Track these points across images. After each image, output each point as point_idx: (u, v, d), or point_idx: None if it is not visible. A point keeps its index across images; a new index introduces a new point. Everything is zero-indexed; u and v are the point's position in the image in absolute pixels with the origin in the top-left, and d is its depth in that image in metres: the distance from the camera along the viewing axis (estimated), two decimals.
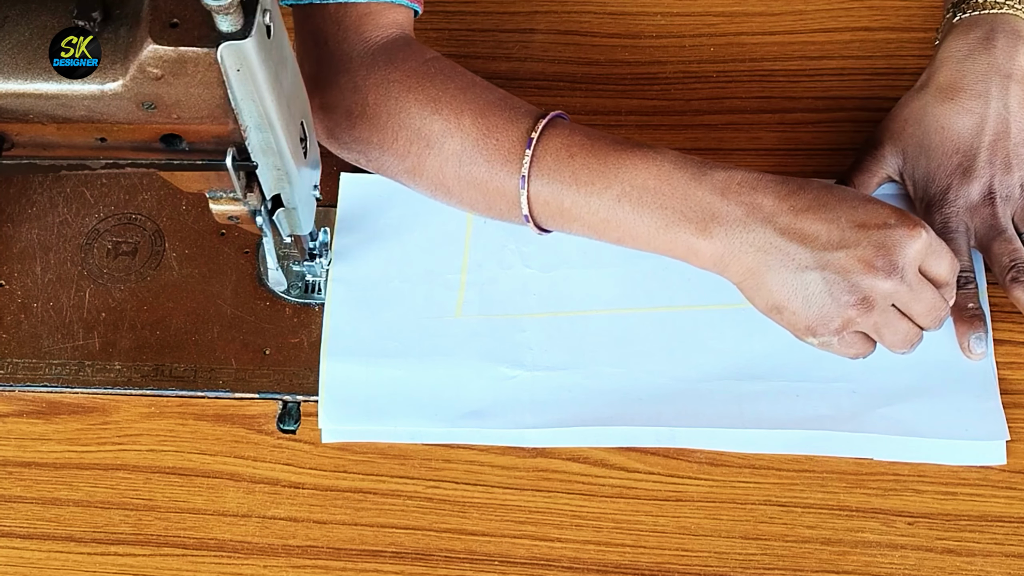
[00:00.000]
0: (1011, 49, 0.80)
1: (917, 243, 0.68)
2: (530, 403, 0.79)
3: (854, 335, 0.71)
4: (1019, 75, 0.80)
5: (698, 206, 0.70)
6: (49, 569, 0.77)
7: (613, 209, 0.72)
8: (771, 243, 0.69)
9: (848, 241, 0.68)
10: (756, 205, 0.69)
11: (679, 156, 0.72)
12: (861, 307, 0.69)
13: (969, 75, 0.80)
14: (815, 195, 0.70)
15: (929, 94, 0.81)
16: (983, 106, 0.79)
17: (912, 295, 0.70)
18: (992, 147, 0.79)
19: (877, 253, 0.68)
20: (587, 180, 0.72)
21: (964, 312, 0.78)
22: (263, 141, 0.64)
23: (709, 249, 0.70)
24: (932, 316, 0.72)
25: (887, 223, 0.68)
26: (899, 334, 0.71)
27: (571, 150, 0.72)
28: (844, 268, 0.68)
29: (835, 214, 0.69)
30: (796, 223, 0.69)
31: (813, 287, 0.69)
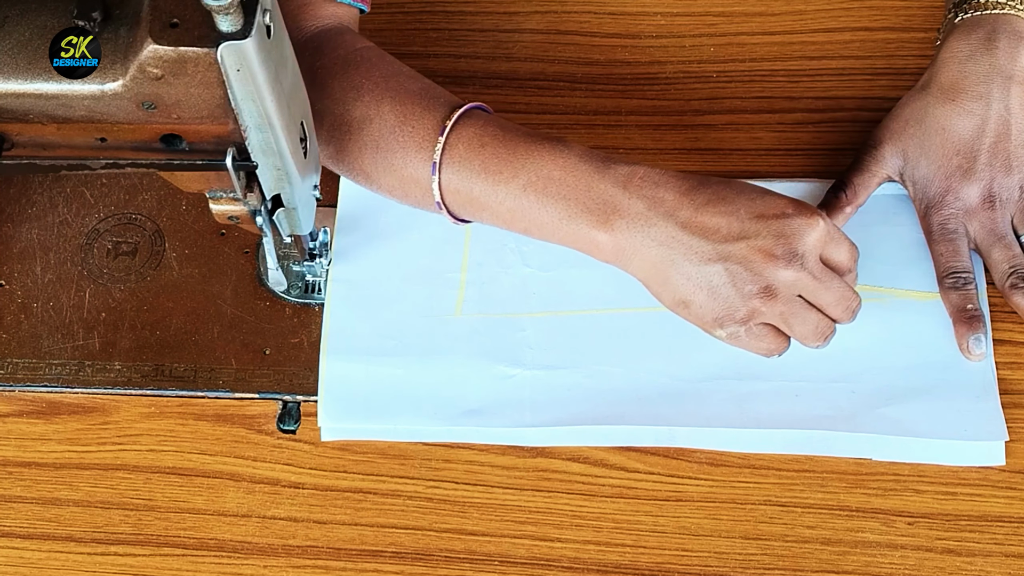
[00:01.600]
0: (1013, 50, 0.80)
1: (815, 231, 0.69)
2: (529, 402, 0.79)
3: (763, 327, 0.72)
4: (1021, 76, 0.80)
5: (600, 198, 0.71)
6: (49, 569, 0.77)
7: (519, 199, 0.73)
8: (673, 237, 0.70)
9: (748, 232, 0.69)
10: (658, 199, 0.70)
11: (586, 150, 0.73)
12: (764, 296, 0.70)
13: (971, 76, 0.80)
14: (715, 190, 0.71)
15: (930, 95, 0.81)
16: (984, 108, 0.79)
17: (817, 284, 0.70)
18: (992, 149, 0.79)
19: (777, 242, 0.69)
20: (495, 170, 0.73)
21: (963, 313, 0.78)
22: (263, 141, 0.64)
23: (610, 242, 0.71)
24: (842, 306, 0.72)
25: (785, 213, 0.69)
26: (808, 324, 0.72)
27: (483, 140, 0.74)
28: (745, 259, 0.69)
29: (734, 207, 0.70)
30: (697, 217, 0.70)
31: (716, 279, 0.70)
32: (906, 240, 0.83)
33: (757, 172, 0.86)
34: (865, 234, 0.83)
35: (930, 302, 0.81)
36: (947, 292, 0.79)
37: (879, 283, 0.82)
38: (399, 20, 0.94)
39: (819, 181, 0.85)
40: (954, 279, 0.79)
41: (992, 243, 0.79)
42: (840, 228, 0.72)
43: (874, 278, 0.82)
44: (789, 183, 0.85)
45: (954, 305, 0.79)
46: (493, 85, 0.91)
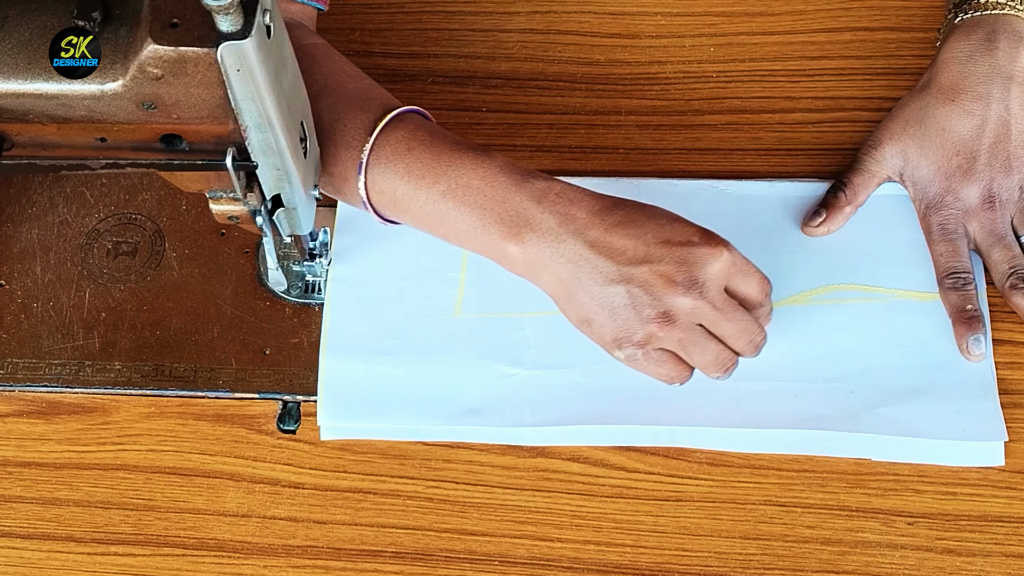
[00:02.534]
0: (1013, 51, 0.80)
1: (718, 261, 0.70)
2: (529, 401, 0.79)
3: (661, 353, 0.72)
4: (1021, 77, 0.80)
5: (515, 211, 0.72)
6: (49, 569, 0.77)
7: (438, 204, 0.73)
8: (580, 255, 0.70)
9: (652, 257, 0.69)
10: (569, 216, 0.71)
11: (508, 162, 0.73)
12: (662, 321, 0.70)
13: (970, 77, 0.80)
14: (627, 212, 0.71)
15: (930, 95, 0.81)
16: (984, 108, 0.79)
17: (718, 314, 0.70)
18: (992, 149, 0.79)
19: (678, 268, 0.69)
20: (419, 174, 0.74)
21: (963, 314, 0.78)
22: (263, 141, 0.64)
23: (520, 255, 0.72)
24: (744, 340, 0.72)
25: (690, 241, 0.70)
26: (707, 355, 0.72)
27: (410, 144, 0.74)
28: (647, 282, 0.69)
29: (643, 231, 0.70)
30: (605, 237, 0.70)
31: (618, 300, 0.70)
32: (906, 240, 0.83)
33: (757, 172, 0.87)
34: (865, 234, 0.83)
35: (930, 302, 0.81)
36: (947, 292, 0.79)
37: (879, 283, 0.82)
38: (399, 20, 0.94)
39: (819, 181, 0.85)
40: (954, 279, 0.79)
41: (992, 243, 0.79)
42: (750, 261, 0.72)
43: (874, 278, 0.82)
44: (789, 183, 0.85)
45: (953, 305, 0.79)
46: (493, 85, 0.91)
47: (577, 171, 0.87)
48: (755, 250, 0.82)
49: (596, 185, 0.85)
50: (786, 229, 0.84)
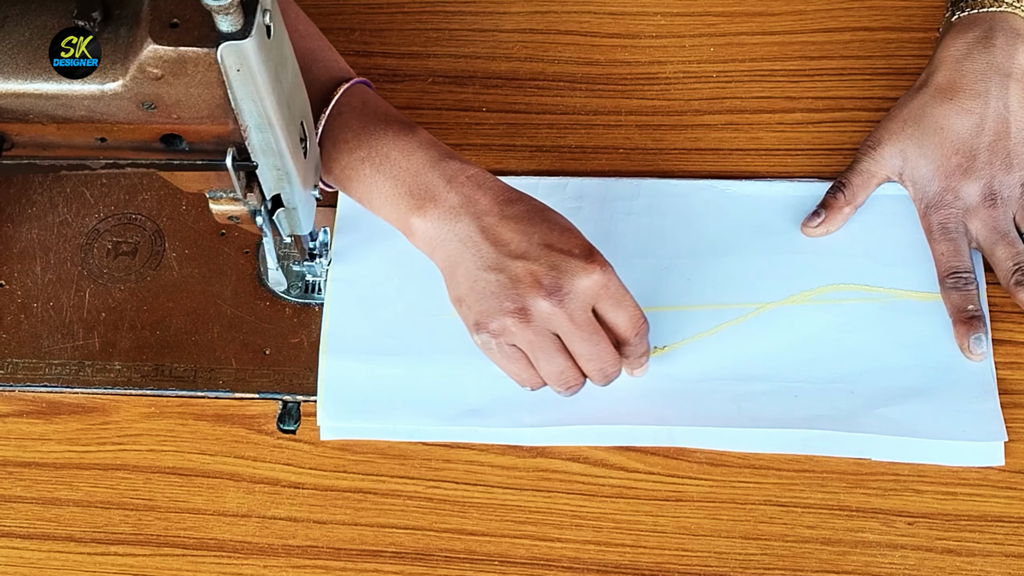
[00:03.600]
0: (1010, 48, 0.80)
1: (588, 278, 0.70)
2: (528, 402, 0.79)
3: (513, 349, 0.73)
4: (1019, 74, 0.80)
5: (424, 186, 0.73)
6: (49, 569, 0.77)
7: (356, 168, 0.76)
8: (471, 238, 0.72)
9: (529, 255, 0.70)
10: (473, 199, 0.72)
11: (430, 141, 0.76)
12: (517, 317, 0.70)
13: (968, 75, 0.80)
14: (527, 210, 0.72)
15: (928, 94, 0.81)
16: (982, 106, 0.79)
17: (574, 329, 0.71)
18: (992, 147, 0.79)
19: (548, 272, 0.70)
20: (344, 138, 0.76)
21: (963, 313, 0.78)
22: (263, 141, 0.64)
23: (421, 228, 0.73)
24: (594, 365, 0.73)
25: (570, 251, 0.71)
26: (553, 365, 0.72)
27: (341, 109, 0.77)
28: (516, 277, 0.70)
29: (533, 229, 0.71)
30: (497, 226, 0.72)
31: (488, 286, 0.71)
32: (906, 241, 0.83)
33: (757, 172, 0.87)
34: (865, 234, 0.83)
35: (929, 302, 0.81)
36: (948, 292, 0.79)
37: (879, 284, 0.82)
38: (399, 20, 0.94)
39: (819, 181, 0.85)
40: (955, 279, 0.79)
41: (995, 241, 0.79)
42: (629, 295, 0.72)
43: (874, 278, 0.82)
44: (789, 183, 0.85)
45: (955, 305, 0.79)
46: (493, 85, 0.91)
47: (577, 171, 0.87)
48: (755, 250, 0.83)
49: (596, 186, 0.86)
50: (785, 229, 0.84)
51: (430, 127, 0.82)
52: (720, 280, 0.82)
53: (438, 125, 0.89)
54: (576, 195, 0.85)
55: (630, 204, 0.85)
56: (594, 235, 0.83)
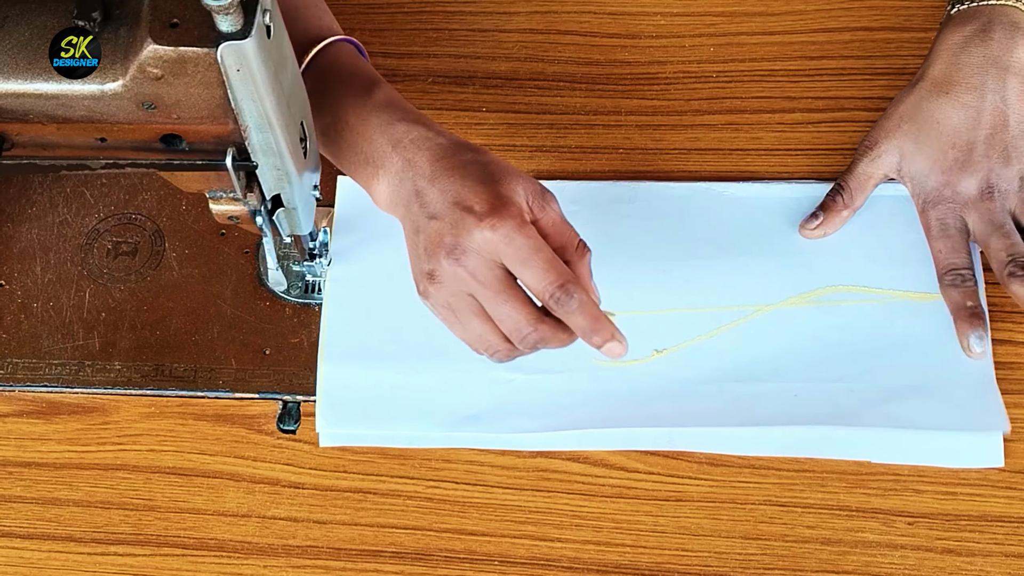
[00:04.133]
0: (1009, 41, 0.79)
1: (480, 234, 0.66)
2: (528, 407, 0.79)
3: (443, 309, 0.71)
4: (1017, 67, 0.79)
5: (376, 152, 0.73)
6: (49, 569, 0.77)
7: (324, 133, 0.76)
8: (408, 200, 0.71)
9: (439, 214, 0.69)
10: (412, 162, 0.72)
11: (386, 101, 0.74)
12: (430, 280, 0.69)
13: (964, 68, 0.80)
14: (456, 164, 0.70)
15: (924, 88, 0.81)
16: (979, 99, 0.79)
17: (480, 288, 0.67)
18: (989, 140, 0.79)
19: (449, 231, 0.68)
20: (314, 103, 0.74)
21: (964, 310, 0.78)
22: (263, 141, 0.64)
23: (377, 193, 0.74)
24: (508, 326, 0.68)
25: (471, 208, 0.67)
26: (468, 330, 0.70)
27: (316, 73, 0.76)
28: (429, 238, 0.69)
29: (450, 186, 0.69)
30: (425, 187, 0.70)
31: (414, 249, 0.71)
32: (904, 241, 0.83)
33: (756, 172, 0.87)
34: (863, 236, 0.83)
35: (928, 303, 0.80)
36: (947, 289, 0.79)
37: (878, 285, 0.82)
38: (399, 20, 0.94)
39: (816, 182, 0.85)
40: (954, 276, 0.79)
41: (990, 232, 0.79)
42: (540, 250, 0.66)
43: (873, 280, 0.82)
44: (786, 184, 0.85)
45: (954, 302, 0.79)
46: (493, 85, 0.91)
47: (577, 171, 0.87)
48: (753, 252, 0.83)
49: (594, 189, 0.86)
50: (784, 231, 0.84)
51: None
52: (719, 282, 0.82)
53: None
54: (573, 199, 0.85)
55: (628, 207, 0.85)
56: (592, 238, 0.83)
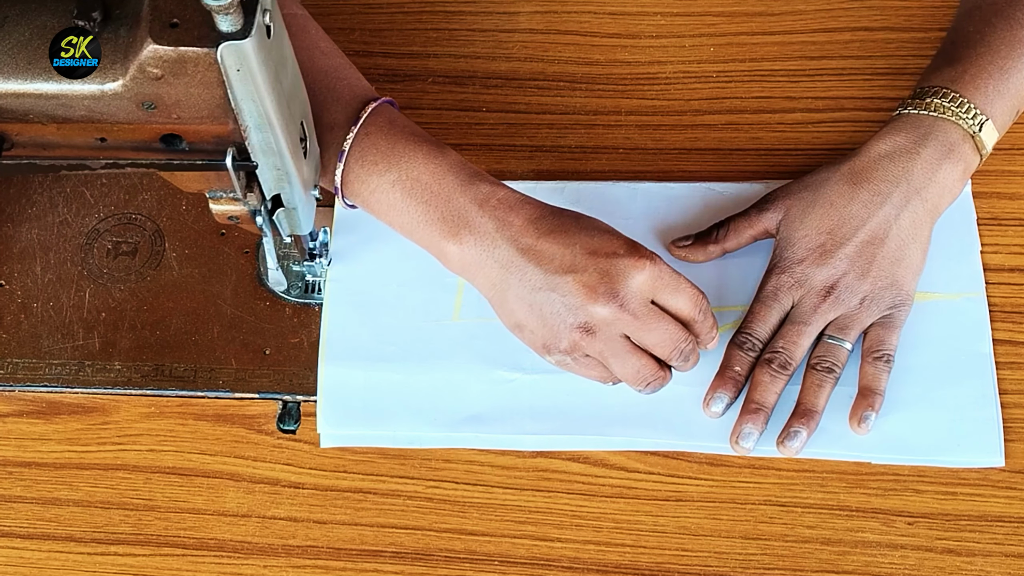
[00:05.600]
0: (935, 163, 0.77)
1: (641, 274, 0.69)
2: (529, 407, 0.79)
3: (589, 359, 0.72)
4: (929, 193, 0.77)
5: (457, 211, 0.73)
6: (49, 569, 0.77)
7: (386, 192, 0.74)
8: (512, 261, 0.71)
9: (577, 266, 0.70)
10: (507, 222, 0.72)
11: (460, 162, 0.74)
12: (583, 331, 0.70)
13: (881, 172, 0.78)
14: (561, 221, 0.72)
15: (839, 172, 0.79)
16: (877, 206, 0.77)
17: (640, 325, 0.70)
18: (861, 247, 0.77)
19: (600, 280, 0.69)
20: (372, 160, 0.75)
21: (727, 371, 0.78)
22: (263, 141, 0.64)
23: (457, 254, 0.73)
24: (668, 348, 0.72)
25: (616, 253, 0.70)
26: (628, 368, 0.72)
27: (369, 130, 0.75)
28: (571, 292, 0.70)
29: (572, 239, 0.71)
30: (536, 244, 0.71)
31: (546, 308, 0.71)
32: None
33: (757, 172, 0.87)
34: None
35: (928, 303, 0.80)
36: (731, 345, 0.79)
37: None
38: (399, 20, 0.94)
39: None
40: (744, 339, 0.78)
41: (794, 322, 0.77)
42: (680, 275, 0.71)
43: None
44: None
45: (726, 360, 0.78)
46: (493, 85, 0.91)
47: (577, 171, 0.87)
48: (752, 252, 0.83)
49: (593, 190, 0.86)
50: None
51: (430, 127, 0.82)
52: (718, 283, 0.82)
53: (438, 125, 0.89)
54: (573, 199, 0.85)
55: (628, 208, 0.85)
56: None
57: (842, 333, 0.77)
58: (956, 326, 0.80)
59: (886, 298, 0.77)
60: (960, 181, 0.79)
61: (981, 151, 0.79)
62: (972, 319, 0.80)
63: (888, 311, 0.77)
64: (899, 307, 0.78)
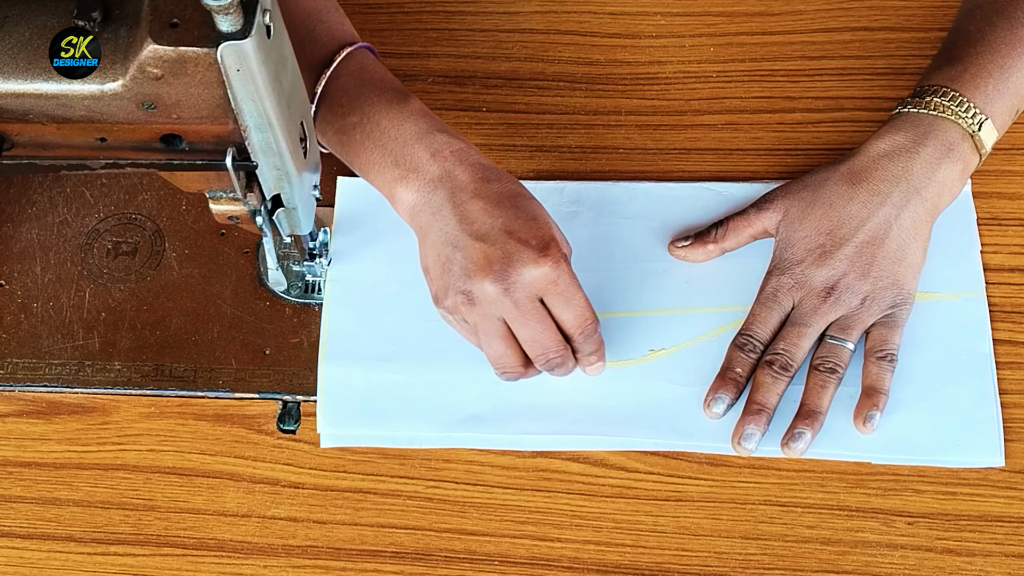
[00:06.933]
0: (934, 162, 0.77)
1: (538, 270, 0.70)
2: (529, 407, 0.79)
3: (466, 325, 0.74)
4: (928, 192, 0.77)
5: (410, 157, 0.74)
6: (49, 569, 0.77)
7: (348, 132, 0.77)
8: (441, 210, 0.73)
9: (489, 238, 0.71)
10: (452, 174, 0.73)
11: (422, 111, 0.76)
12: (466, 298, 0.72)
13: (880, 171, 0.78)
14: (502, 193, 0.73)
15: (838, 172, 0.79)
16: (876, 205, 0.77)
17: (518, 316, 0.71)
18: (861, 247, 0.77)
19: (500, 259, 0.70)
20: (339, 102, 0.77)
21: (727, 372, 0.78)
22: (263, 141, 0.64)
23: (403, 197, 0.75)
24: (537, 351, 0.73)
25: (527, 242, 0.71)
26: (492, 349, 0.74)
27: (340, 73, 0.78)
28: (471, 258, 0.71)
29: (500, 212, 0.72)
30: (467, 203, 0.72)
31: (448, 263, 0.72)
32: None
33: (757, 172, 0.87)
34: None
35: (930, 302, 0.81)
36: (732, 346, 0.79)
37: None
38: (399, 20, 0.94)
39: None
40: (745, 340, 0.78)
41: (795, 324, 0.78)
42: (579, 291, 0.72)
43: None
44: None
45: (727, 361, 0.79)
46: (493, 85, 0.91)
47: (577, 171, 0.87)
48: (751, 252, 0.83)
49: (593, 190, 0.86)
50: None
51: None
52: (718, 283, 0.82)
53: None
54: (573, 199, 0.85)
55: (627, 208, 0.85)
56: (592, 239, 0.84)
57: (844, 333, 0.77)
58: (956, 326, 0.80)
59: (887, 297, 0.77)
60: (959, 180, 0.79)
61: (980, 150, 0.79)
62: (972, 319, 0.80)
63: (889, 310, 0.77)
64: (900, 306, 0.78)
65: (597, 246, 0.83)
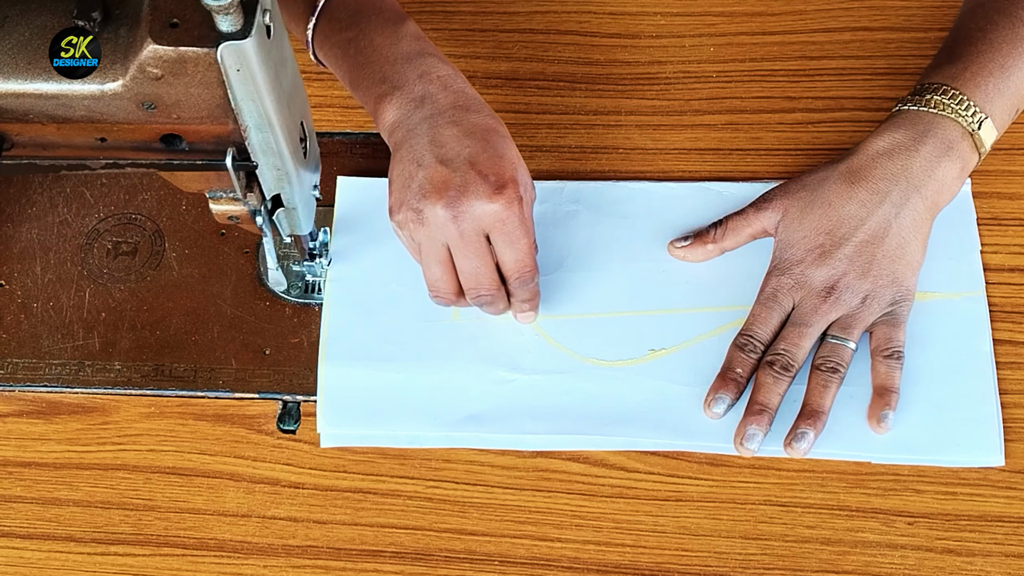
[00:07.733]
0: (934, 160, 0.77)
1: (489, 205, 0.71)
2: (529, 407, 0.79)
3: (413, 242, 0.75)
4: (928, 190, 0.77)
5: (397, 76, 0.76)
6: (49, 569, 0.77)
7: (343, 47, 0.78)
8: (418, 131, 0.74)
9: (452, 164, 0.72)
10: (433, 98, 0.74)
11: (417, 36, 0.78)
12: (415, 215, 0.73)
13: (879, 170, 0.78)
14: (480, 125, 0.74)
15: (836, 171, 0.79)
16: (875, 204, 0.77)
17: (460, 246, 0.73)
18: (860, 246, 0.77)
19: (456, 187, 0.71)
20: (338, 18, 0.79)
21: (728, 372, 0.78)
22: (263, 141, 0.64)
23: (384, 113, 0.76)
24: (472, 283, 0.75)
25: (486, 177, 0.71)
26: (430, 273, 0.76)
27: None
28: (431, 180, 0.72)
29: (469, 143, 0.73)
30: (442, 129, 0.73)
31: (409, 179, 0.73)
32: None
33: (757, 172, 0.87)
34: None
35: (929, 302, 0.81)
36: (732, 347, 0.79)
37: None
38: None
39: None
40: (745, 340, 0.78)
41: (796, 324, 0.77)
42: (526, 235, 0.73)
43: None
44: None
45: (727, 361, 0.78)
46: (493, 85, 0.91)
47: (577, 171, 0.87)
48: (751, 252, 0.83)
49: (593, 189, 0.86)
50: None
51: None
52: (719, 283, 0.82)
53: None
54: (573, 199, 0.85)
55: (628, 207, 0.85)
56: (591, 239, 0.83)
57: (845, 332, 0.77)
58: (956, 326, 0.80)
59: (887, 295, 0.77)
60: (958, 179, 0.79)
61: (980, 149, 0.79)
62: (972, 319, 0.80)
63: (890, 308, 0.77)
64: (901, 303, 0.78)
65: (597, 246, 0.83)
